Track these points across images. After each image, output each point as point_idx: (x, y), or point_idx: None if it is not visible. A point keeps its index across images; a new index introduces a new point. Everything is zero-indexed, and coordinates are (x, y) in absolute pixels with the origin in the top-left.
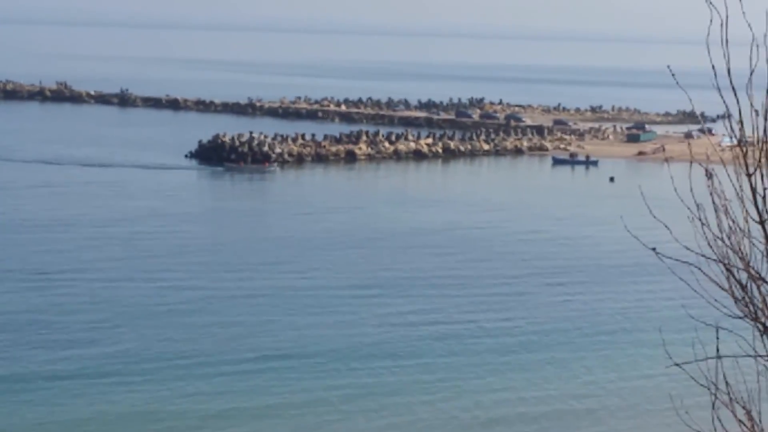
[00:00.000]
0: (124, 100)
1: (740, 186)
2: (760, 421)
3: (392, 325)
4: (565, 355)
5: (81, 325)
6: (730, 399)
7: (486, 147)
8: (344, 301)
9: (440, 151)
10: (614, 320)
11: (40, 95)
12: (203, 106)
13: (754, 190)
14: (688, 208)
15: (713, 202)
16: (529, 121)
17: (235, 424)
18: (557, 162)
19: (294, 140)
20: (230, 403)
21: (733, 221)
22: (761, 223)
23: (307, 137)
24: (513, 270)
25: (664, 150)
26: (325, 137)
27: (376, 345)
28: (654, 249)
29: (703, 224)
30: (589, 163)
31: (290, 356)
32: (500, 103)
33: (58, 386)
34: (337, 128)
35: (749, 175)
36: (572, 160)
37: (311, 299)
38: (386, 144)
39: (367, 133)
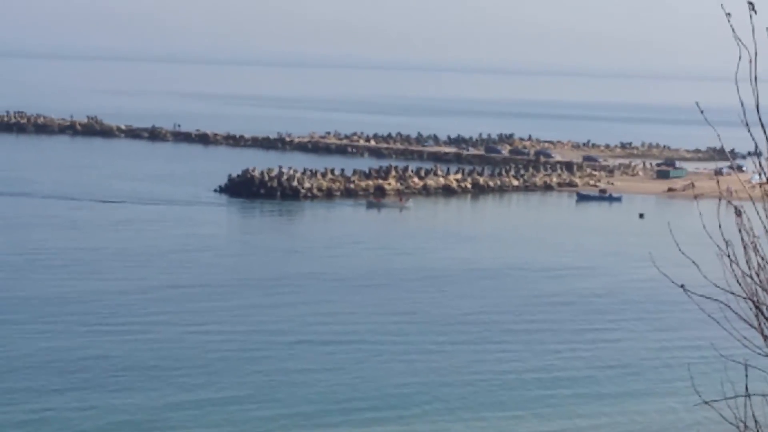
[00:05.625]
0: (154, 134)
1: None
2: None
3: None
4: (593, 391)
5: (117, 370)
6: None
7: (515, 183)
8: (368, 336)
9: (469, 186)
10: (642, 357)
11: (70, 129)
12: (233, 141)
13: None
14: (717, 245)
15: (742, 239)
16: (558, 157)
17: None
18: (582, 198)
19: (323, 175)
20: None
21: (762, 258)
22: None
23: (336, 172)
24: (541, 306)
25: (693, 187)
26: (354, 172)
27: (406, 388)
28: (682, 286)
29: (731, 261)
30: (612, 199)
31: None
32: (530, 138)
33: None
34: (366, 163)
35: None
36: (597, 196)
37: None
38: (415, 179)
39: (396, 168)
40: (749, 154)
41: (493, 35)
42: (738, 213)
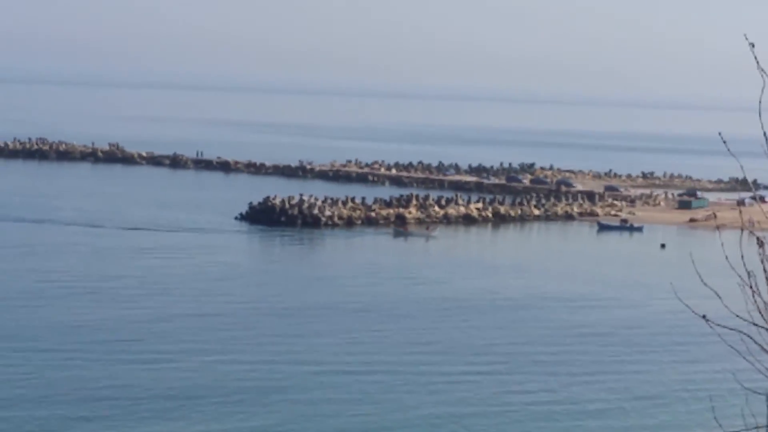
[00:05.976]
0: (175, 161)
1: None
2: None
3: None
4: (620, 422)
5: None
6: None
7: (536, 212)
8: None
9: (490, 215)
10: (664, 387)
11: (92, 156)
12: (254, 169)
13: None
14: (739, 276)
15: (765, 270)
16: (580, 187)
17: None
18: (603, 228)
19: (344, 203)
20: None
21: None
22: None
23: (357, 200)
24: (566, 337)
25: (715, 217)
26: (375, 201)
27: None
28: (704, 316)
29: (754, 292)
30: (633, 229)
31: None
32: (551, 168)
33: None
34: (387, 192)
35: None
36: (618, 226)
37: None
38: (436, 208)
39: (417, 196)
40: None
41: (515, 64)
42: (760, 244)
